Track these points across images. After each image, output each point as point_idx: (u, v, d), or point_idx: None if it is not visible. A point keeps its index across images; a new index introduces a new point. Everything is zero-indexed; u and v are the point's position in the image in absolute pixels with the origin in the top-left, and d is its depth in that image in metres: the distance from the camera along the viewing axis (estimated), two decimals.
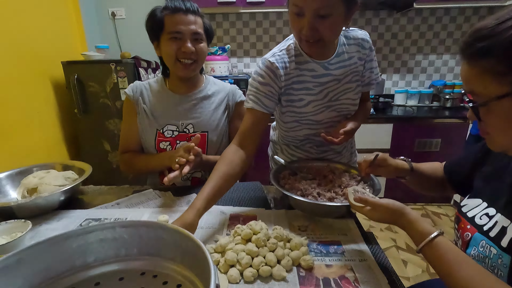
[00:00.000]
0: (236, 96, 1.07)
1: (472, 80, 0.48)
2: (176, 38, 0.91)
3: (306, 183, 0.80)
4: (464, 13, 2.35)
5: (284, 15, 2.41)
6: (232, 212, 0.79)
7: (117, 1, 2.43)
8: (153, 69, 2.30)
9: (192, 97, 1.02)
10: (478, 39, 0.45)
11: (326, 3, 0.69)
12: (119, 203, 0.86)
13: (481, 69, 0.46)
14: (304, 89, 0.87)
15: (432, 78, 2.56)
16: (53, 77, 2.03)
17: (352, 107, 0.93)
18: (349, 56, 0.88)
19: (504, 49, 0.42)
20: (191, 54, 0.92)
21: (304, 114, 0.90)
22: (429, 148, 2.13)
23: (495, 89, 0.45)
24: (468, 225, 0.58)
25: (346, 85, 0.89)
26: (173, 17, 0.90)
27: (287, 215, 0.77)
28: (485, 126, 0.50)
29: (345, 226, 0.72)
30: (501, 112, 0.46)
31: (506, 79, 0.43)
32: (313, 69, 0.86)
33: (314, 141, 0.99)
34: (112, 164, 2.20)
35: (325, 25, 0.72)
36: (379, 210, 0.58)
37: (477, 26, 0.47)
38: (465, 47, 0.48)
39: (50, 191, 0.78)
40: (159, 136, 1.00)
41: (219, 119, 1.03)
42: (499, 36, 0.43)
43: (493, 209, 0.55)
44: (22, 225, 0.67)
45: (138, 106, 1.01)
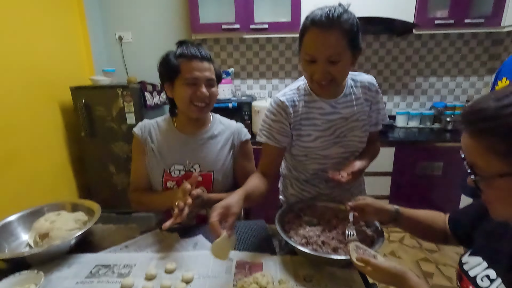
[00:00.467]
0: (241, 135, 1.10)
1: (475, 154, 0.50)
2: (192, 84, 0.95)
3: (310, 230, 0.82)
4: (463, 37, 2.40)
5: (286, 39, 2.46)
6: (238, 258, 0.81)
7: (124, 25, 2.50)
8: (158, 92, 2.34)
9: (199, 137, 1.05)
10: (481, 119, 0.48)
11: (336, 52, 0.80)
12: (128, 245, 0.88)
13: (484, 146, 0.48)
14: (312, 125, 0.95)
15: (432, 100, 2.59)
16: (61, 101, 2.08)
17: (360, 144, 0.98)
18: (356, 97, 0.96)
19: (508, 132, 0.45)
20: (205, 98, 0.97)
21: (312, 149, 0.97)
22: (431, 171, 2.14)
23: (497, 167, 0.47)
24: (470, 286, 0.59)
25: (353, 123, 0.96)
26: (189, 64, 0.94)
27: (293, 263, 0.78)
28: (485, 197, 0.52)
29: (349, 277, 0.73)
30: (502, 188, 0.48)
31: (508, 159, 0.46)
32: (321, 107, 0.94)
33: (323, 176, 1.02)
34: (117, 186, 2.23)
35: (336, 69, 0.82)
36: (380, 273, 0.60)
37: (479, 105, 0.49)
38: (467, 123, 0.50)
39: (62, 236, 0.81)
40: (166, 176, 1.02)
41: (225, 159, 1.06)
42: (503, 119, 0.46)
43: (493, 271, 0.57)
44: (35, 277, 0.69)
45: (146, 146, 1.04)
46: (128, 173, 2.15)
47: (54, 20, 2.01)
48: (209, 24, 2.16)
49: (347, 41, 0.80)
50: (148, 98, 2.15)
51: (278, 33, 2.18)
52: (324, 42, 0.79)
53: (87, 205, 0.98)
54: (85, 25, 2.32)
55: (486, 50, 2.43)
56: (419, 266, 1.92)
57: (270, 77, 2.58)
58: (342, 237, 0.79)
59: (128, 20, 2.48)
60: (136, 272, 0.76)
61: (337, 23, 0.79)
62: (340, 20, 0.79)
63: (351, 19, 0.81)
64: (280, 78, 2.57)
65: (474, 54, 2.45)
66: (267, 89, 2.60)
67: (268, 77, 2.58)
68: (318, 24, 0.79)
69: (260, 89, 2.61)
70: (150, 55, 2.56)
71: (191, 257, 0.82)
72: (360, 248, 0.66)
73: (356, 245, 0.67)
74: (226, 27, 2.15)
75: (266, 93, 2.60)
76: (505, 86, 0.51)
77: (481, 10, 2.10)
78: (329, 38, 0.79)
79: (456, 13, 2.06)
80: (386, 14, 2.03)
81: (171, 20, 2.47)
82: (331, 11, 0.79)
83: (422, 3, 2.03)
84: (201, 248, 0.86)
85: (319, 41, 0.80)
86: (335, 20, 0.78)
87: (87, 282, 0.73)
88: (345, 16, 0.80)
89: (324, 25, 0.79)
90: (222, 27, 2.15)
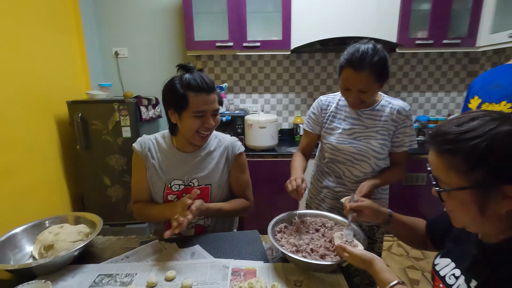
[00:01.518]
0: (235, 149, 1.16)
1: (439, 169, 0.59)
2: (200, 116, 1.00)
3: (300, 238, 0.88)
4: (442, 56, 2.57)
5: (277, 56, 2.58)
6: (234, 266, 0.86)
7: (121, 41, 2.58)
8: (153, 105, 2.41)
9: (197, 155, 1.11)
10: (445, 141, 0.56)
11: (365, 86, 1.01)
12: (128, 256, 0.93)
13: (447, 164, 0.56)
14: (338, 122, 1.18)
15: (416, 114, 2.72)
16: (57, 115, 2.12)
17: (371, 152, 1.12)
18: (383, 115, 1.12)
19: (467, 154, 0.53)
20: (211, 128, 1.04)
21: (331, 140, 1.18)
22: (415, 182, 2.24)
23: (457, 181, 0.56)
24: (441, 284, 0.67)
25: (371, 133, 1.12)
26: (197, 97, 0.98)
27: (284, 269, 0.85)
28: (447, 207, 0.60)
29: (335, 281, 0.80)
30: (460, 200, 0.57)
31: (466, 176, 0.54)
32: (348, 111, 1.17)
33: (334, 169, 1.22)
34: (111, 198, 2.25)
35: (365, 96, 1.04)
36: (354, 258, 0.74)
37: (443, 129, 0.58)
38: (433, 143, 0.59)
39: (66, 248, 0.85)
40: (167, 190, 1.08)
41: (221, 172, 1.13)
42: (463, 143, 0.54)
43: (458, 270, 0.65)
44: (42, 286, 0.73)
45: (147, 161, 1.10)
46: (122, 185, 2.21)
47: (52, 35, 2.07)
48: (204, 42, 2.26)
49: (375, 77, 0.99)
50: (143, 112, 2.21)
51: (270, 50, 2.29)
52: (356, 80, 1.00)
53: (88, 217, 1.02)
54: (82, 41, 2.38)
55: (464, 67, 2.60)
56: (406, 274, 1.99)
57: (262, 91, 2.68)
58: (330, 245, 0.86)
59: (124, 36, 2.56)
60: (138, 280, 0.81)
61: (367, 66, 0.96)
62: (371, 63, 0.96)
63: (381, 59, 0.98)
64: (272, 93, 2.68)
65: (453, 71, 2.61)
66: (259, 103, 2.70)
67: (260, 91, 2.68)
68: (352, 65, 0.98)
69: (252, 103, 2.70)
70: (145, 70, 2.66)
71: (190, 266, 0.87)
72: (343, 237, 0.78)
73: (341, 234, 0.76)
74: (220, 44, 2.25)
75: (259, 107, 2.69)
76: (467, 112, 0.59)
77: (457, 32, 2.26)
78: (360, 77, 0.98)
79: (435, 34, 2.21)
80: (371, 34, 2.16)
81: (166, 37, 2.56)
82: (363, 53, 0.96)
83: (404, 25, 2.19)
84: (199, 257, 0.92)
85: (352, 78, 1.00)
86: (366, 63, 0.96)
87: None
88: (376, 58, 0.97)
89: (356, 67, 0.97)
90: (216, 44, 2.25)
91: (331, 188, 1.22)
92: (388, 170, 1.16)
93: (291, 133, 2.68)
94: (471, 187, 0.54)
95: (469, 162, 0.53)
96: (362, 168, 1.14)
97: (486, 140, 0.52)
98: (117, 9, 2.51)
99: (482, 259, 0.61)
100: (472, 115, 0.57)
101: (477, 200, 0.55)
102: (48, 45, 2.03)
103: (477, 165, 0.53)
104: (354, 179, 1.16)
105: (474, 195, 0.55)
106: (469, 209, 0.56)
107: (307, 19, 2.20)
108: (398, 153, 1.14)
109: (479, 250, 0.63)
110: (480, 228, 0.60)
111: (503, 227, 0.56)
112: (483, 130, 0.53)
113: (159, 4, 2.50)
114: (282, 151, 2.25)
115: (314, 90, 2.65)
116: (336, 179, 1.21)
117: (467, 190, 0.55)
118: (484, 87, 1.57)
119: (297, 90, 2.66)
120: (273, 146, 2.29)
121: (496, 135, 0.52)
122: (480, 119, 0.55)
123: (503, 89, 1.46)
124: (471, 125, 0.54)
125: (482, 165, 0.53)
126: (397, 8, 2.16)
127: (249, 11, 2.22)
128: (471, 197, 0.55)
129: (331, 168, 1.23)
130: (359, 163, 1.14)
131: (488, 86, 1.56)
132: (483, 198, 0.54)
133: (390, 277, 0.67)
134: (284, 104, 2.69)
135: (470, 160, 0.53)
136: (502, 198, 0.53)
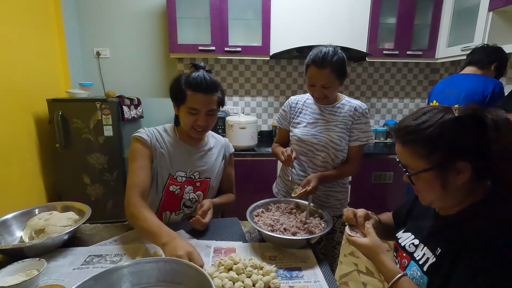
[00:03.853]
0: (230, 148, 1.29)
1: (406, 158, 0.71)
2: (193, 113, 1.06)
3: (275, 220, 0.99)
4: (407, 65, 2.82)
5: (257, 61, 2.71)
6: (215, 246, 0.96)
7: (103, 41, 2.60)
8: (135, 106, 2.45)
9: (200, 149, 1.19)
10: (406, 133, 0.69)
11: (327, 82, 1.17)
12: (116, 240, 0.99)
13: (411, 151, 0.69)
14: (303, 116, 1.34)
15: (385, 118, 2.95)
16: (36, 113, 2.11)
17: (330, 143, 1.27)
18: (342, 111, 1.29)
19: (424, 141, 0.66)
20: (204, 126, 1.09)
21: (297, 133, 1.33)
22: (383, 180, 2.44)
23: (421, 165, 0.68)
24: (404, 253, 0.80)
25: (331, 126, 1.28)
26: (194, 95, 1.03)
27: (260, 247, 0.95)
28: (416, 187, 0.73)
29: (304, 255, 0.91)
30: (426, 180, 0.69)
31: (427, 159, 0.67)
32: (313, 108, 1.33)
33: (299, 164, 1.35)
34: (91, 197, 2.25)
35: (328, 91, 1.20)
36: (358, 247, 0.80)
37: (404, 123, 0.70)
38: (398, 136, 0.72)
39: (57, 231, 0.91)
40: (170, 180, 1.12)
41: (219, 167, 1.23)
42: (420, 132, 0.66)
43: (417, 240, 0.78)
44: (36, 263, 0.79)
45: (156, 151, 1.10)
46: (102, 184, 2.23)
47: (32, 33, 2.06)
48: (187, 45, 2.35)
49: (336, 74, 1.16)
50: (126, 112, 2.25)
51: (250, 55, 2.42)
52: (320, 76, 1.16)
53: (76, 206, 1.07)
54: (63, 40, 2.39)
55: (427, 77, 2.86)
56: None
57: (243, 94, 2.79)
58: (300, 224, 0.98)
59: (106, 36, 2.59)
60: (127, 259, 0.88)
61: (329, 63, 1.13)
62: (331, 61, 1.13)
63: (340, 59, 1.16)
64: (252, 96, 2.80)
65: (417, 80, 2.87)
66: (240, 105, 2.81)
67: (241, 94, 2.79)
68: (316, 63, 1.15)
69: (233, 106, 2.81)
70: (127, 71, 2.69)
71: None
72: (353, 230, 0.84)
73: (349, 228, 0.84)
74: (202, 48, 2.34)
75: (239, 109, 2.80)
76: (420, 108, 0.73)
77: (419, 45, 2.51)
78: (323, 73, 1.15)
79: (400, 45, 2.44)
80: (344, 43, 2.35)
81: (149, 39, 2.62)
82: (325, 53, 1.14)
83: (372, 36, 2.40)
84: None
85: (316, 75, 1.17)
86: (327, 61, 1.13)
87: (83, 268, 0.84)
88: (335, 57, 1.14)
89: (319, 64, 1.14)
90: (198, 48, 2.34)
91: (296, 181, 1.32)
92: (342, 164, 1.32)
93: (270, 135, 2.81)
94: (433, 168, 0.66)
95: (428, 147, 0.66)
96: (323, 158, 1.28)
97: (437, 127, 0.65)
98: (100, 9, 2.54)
99: (439, 229, 0.74)
100: (424, 110, 0.70)
101: (439, 178, 0.67)
102: (27, 42, 2.02)
103: (434, 148, 0.65)
104: (317, 170, 1.30)
105: (436, 174, 0.67)
106: (434, 186, 0.68)
107: (285, 27, 2.36)
108: (352, 147, 1.30)
109: (436, 222, 0.76)
110: (443, 202, 0.72)
111: (461, 198, 0.69)
112: (434, 120, 0.66)
113: (143, 7, 2.56)
114: (261, 151, 2.36)
115: (291, 94, 2.81)
116: (301, 172, 1.33)
117: (430, 171, 0.67)
118: (441, 93, 1.79)
119: (276, 94, 2.81)
120: (253, 146, 2.40)
121: (443, 123, 0.65)
122: (430, 112, 0.68)
123: (456, 95, 1.67)
124: (424, 118, 0.67)
125: (437, 148, 0.65)
126: (367, 21, 2.38)
127: (230, 18, 2.34)
128: (434, 176, 0.67)
129: (297, 161, 1.35)
130: (320, 153, 1.28)
131: (443, 92, 1.78)
132: (443, 176, 0.66)
133: (395, 269, 0.72)
134: (264, 107, 2.82)
135: (428, 145, 0.66)
136: (457, 173, 0.65)
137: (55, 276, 0.80)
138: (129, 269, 0.55)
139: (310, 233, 0.94)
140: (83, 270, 0.83)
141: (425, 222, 0.79)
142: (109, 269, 0.54)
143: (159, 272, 0.55)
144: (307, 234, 0.93)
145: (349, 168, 1.31)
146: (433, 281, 0.68)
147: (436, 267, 0.69)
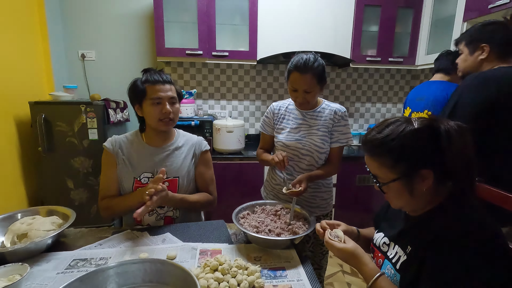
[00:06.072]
0: (202, 146, 1.28)
1: (374, 169, 0.75)
2: (157, 103, 1.13)
3: (260, 222, 1.02)
4: (390, 71, 2.92)
5: (244, 66, 2.75)
6: (201, 248, 0.97)
7: (88, 43, 2.57)
8: (121, 109, 2.43)
9: (166, 149, 1.21)
10: (372, 147, 0.73)
11: (309, 87, 1.22)
12: (102, 243, 0.99)
13: (378, 162, 0.73)
14: (287, 123, 1.38)
15: (369, 122, 3.04)
16: (17, 115, 2.06)
17: (314, 147, 1.32)
18: (323, 115, 1.34)
19: (389, 153, 0.70)
20: (169, 114, 1.15)
21: (281, 138, 1.37)
22: (367, 182, 2.50)
23: (389, 175, 0.72)
24: (379, 253, 0.84)
25: (313, 130, 1.33)
26: (153, 87, 1.13)
27: (246, 248, 0.97)
28: (387, 195, 0.77)
29: (288, 255, 0.94)
30: (394, 189, 0.73)
31: (394, 170, 0.71)
32: (295, 113, 1.38)
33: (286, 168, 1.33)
34: (74, 202, 2.21)
35: (309, 96, 1.25)
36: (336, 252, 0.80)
37: (369, 137, 0.74)
38: (365, 149, 0.76)
39: (40, 236, 0.90)
40: (136, 183, 1.16)
41: (188, 166, 1.23)
42: (385, 145, 0.71)
43: (387, 238, 0.82)
44: (19, 268, 0.78)
45: (118, 158, 1.17)
46: (87, 188, 2.20)
47: (14, 34, 2.02)
48: (174, 49, 2.36)
49: (316, 80, 1.22)
50: (111, 115, 2.23)
51: (238, 60, 2.45)
52: (301, 81, 1.21)
53: (60, 210, 1.06)
54: (47, 41, 2.35)
55: (408, 82, 2.97)
56: None
57: (230, 98, 2.82)
58: (284, 226, 1.01)
59: (92, 39, 2.56)
60: (112, 262, 0.88)
61: (310, 69, 1.19)
62: (313, 67, 1.19)
63: (320, 65, 1.22)
64: (239, 100, 2.83)
65: (399, 86, 2.98)
66: (227, 109, 2.83)
67: (228, 98, 2.82)
68: (298, 69, 1.20)
69: (220, 109, 2.83)
70: (113, 74, 2.66)
71: (161, 250, 0.96)
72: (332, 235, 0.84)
73: (329, 232, 0.85)
74: (190, 52, 2.36)
75: (226, 113, 2.82)
76: (383, 121, 0.77)
77: (400, 52, 2.61)
78: (305, 79, 1.20)
79: (382, 52, 2.54)
80: (329, 50, 2.42)
81: (136, 42, 2.61)
82: (307, 60, 1.19)
83: (356, 43, 2.48)
84: (169, 243, 1.01)
85: (298, 80, 1.22)
86: (309, 67, 1.19)
87: (67, 272, 0.83)
88: (316, 64, 1.20)
89: (302, 70, 1.20)
90: (186, 52, 2.36)
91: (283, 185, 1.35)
92: (324, 165, 1.36)
93: (257, 138, 2.83)
94: (400, 178, 0.71)
95: (393, 158, 0.70)
96: (308, 161, 1.33)
97: (399, 140, 0.70)
98: (86, 12, 2.51)
99: (409, 229, 0.78)
100: (386, 123, 0.75)
101: (406, 186, 0.71)
102: (8, 43, 1.97)
103: (399, 159, 0.70)
104: (303, 172, 1.33)
105: (403, 183, 0.71)
106: (402, 194, 0.73)
107: (272, 33, 2.40)
108: (332, 148, 1.35)
109: (406, 222, 0.80)
110: (412, 206, 0.77)
111: (428, 200, 0.74)
112: (396, 133, 0.70)
113: (129, 10, 2.55)
114: (248, 154, 2.39)
115: (278, 98, 2.85)
116: (288, 175, 1.36)
117: (397, 181, 0.71)
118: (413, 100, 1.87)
119: (263, 98, 2.84)
120: (240, 149, 2.43)
121: (405, 135, 0.70)
122: (393, 124, 0.73)
123: (425, 101, 1.76)
124: (387, 131, 0.72)
125: (401, 159, 0.70)
126: (350, 29, 2.45)
127: (218, 22, 2.37)
128: (401, 185, 0.71)
129: None
130: (305, 157, 1.33)
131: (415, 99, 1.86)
132: (409, 184, 0.71)
133: (373, 270, 0.75)
134: (251, 111, 2.85)
135: (393, 156, 0.70)
136: (422, 180, 0.70)
137: (38, 280, 0.80)
138: (115, 270, 0.56)
139: (294, 234, 0.97)
140: (68, 274, 0.82)
141: (397, 222, 0.84)
142: (95, 270, 0.55)
143: (145, 272, 0.56)
144: (291, 235, 0.96)
145: (331, 168, 1.36)
146: (405, 277, 0.72)
147: (407, 265, 0.73)
